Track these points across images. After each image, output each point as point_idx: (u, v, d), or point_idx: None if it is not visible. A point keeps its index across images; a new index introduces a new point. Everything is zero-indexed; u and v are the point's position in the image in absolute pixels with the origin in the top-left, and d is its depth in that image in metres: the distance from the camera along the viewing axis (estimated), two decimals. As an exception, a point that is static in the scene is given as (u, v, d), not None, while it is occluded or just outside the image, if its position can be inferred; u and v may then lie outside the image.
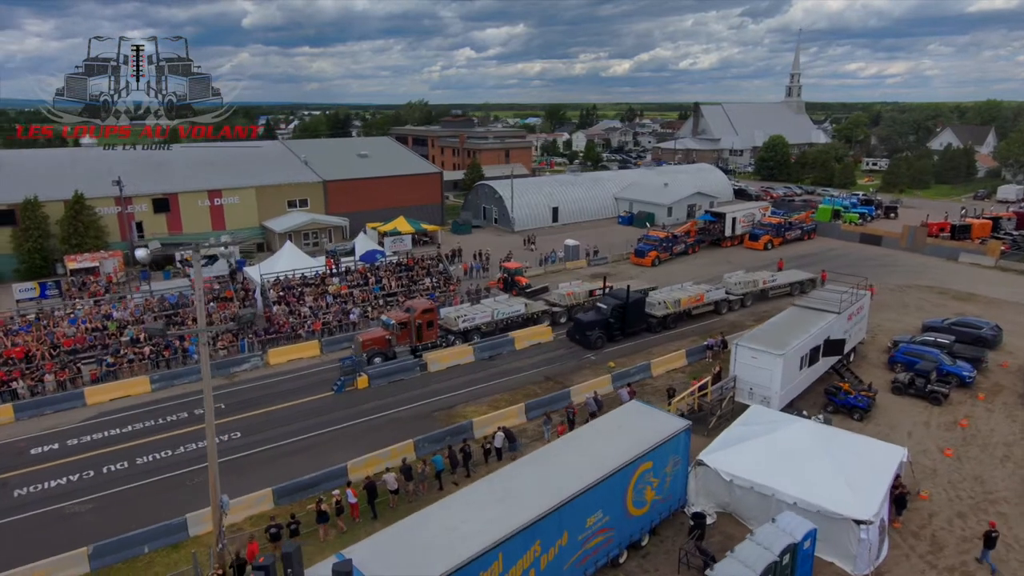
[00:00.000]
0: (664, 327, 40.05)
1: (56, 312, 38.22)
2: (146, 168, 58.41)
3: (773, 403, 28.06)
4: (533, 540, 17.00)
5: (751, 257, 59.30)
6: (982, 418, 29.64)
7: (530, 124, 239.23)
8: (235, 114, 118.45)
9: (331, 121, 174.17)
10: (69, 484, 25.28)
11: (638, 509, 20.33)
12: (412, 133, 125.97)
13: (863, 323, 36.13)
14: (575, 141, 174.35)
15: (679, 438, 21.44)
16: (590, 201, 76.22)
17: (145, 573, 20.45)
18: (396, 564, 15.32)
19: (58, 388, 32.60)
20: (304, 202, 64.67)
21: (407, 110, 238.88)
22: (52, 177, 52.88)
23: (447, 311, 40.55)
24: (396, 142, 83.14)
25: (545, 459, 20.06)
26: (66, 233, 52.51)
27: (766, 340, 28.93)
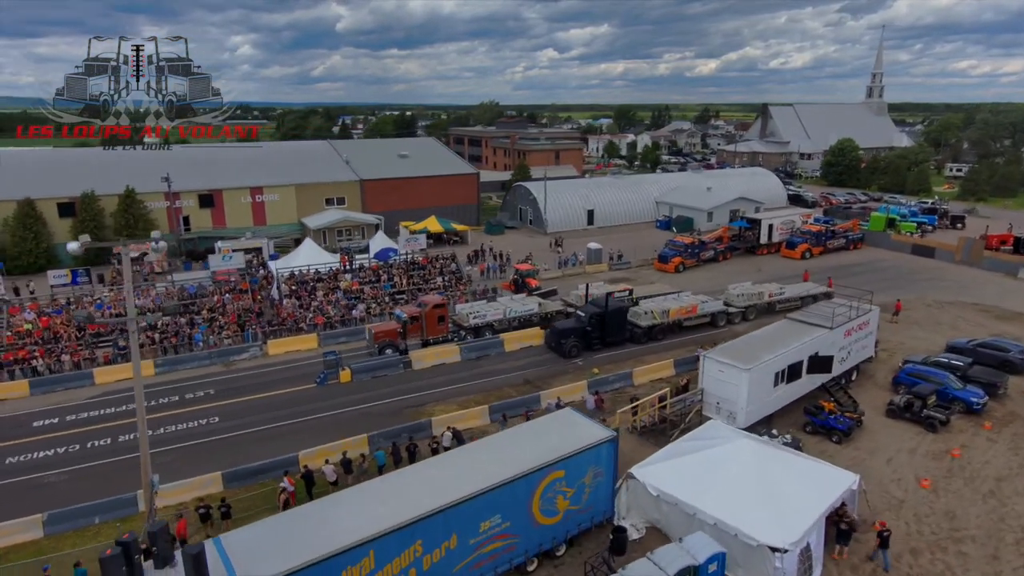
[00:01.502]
0: (650, 338, 38.84)
1: (85, 298, 41.50)
2: (194, 165, 62.23)
3: (739, 419, 26.91)
4: (412, 540, 17.16)
5: (785, 266, 56.64)
6: (980, 449, 27.26)
7: (599, 125, 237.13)
8: (315, 114, 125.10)
9: (398, 122, 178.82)
10: (56, 456, 27.50)
11: (548, 518, 20.07)
12: (468, 134, 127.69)
13: (868, 340, 33.93)
14: (640, 143, 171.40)
15: (600, 449, 20.98)
16: (629, 204, 74.90)
17: (91, 542, 21.98)
18: (263, 552, 15.88)
19: (73, 368, 35.40)
20: (342, 200, 67.01)
21: (479, 111, 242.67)
22: (108, 173, 57.24)
23: (461, 307, 41.29)
24: (439, 143, 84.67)
25: (451, 461, 20.19)
26: (119, 225, 56.77)
27: (735, 354, 27.75)
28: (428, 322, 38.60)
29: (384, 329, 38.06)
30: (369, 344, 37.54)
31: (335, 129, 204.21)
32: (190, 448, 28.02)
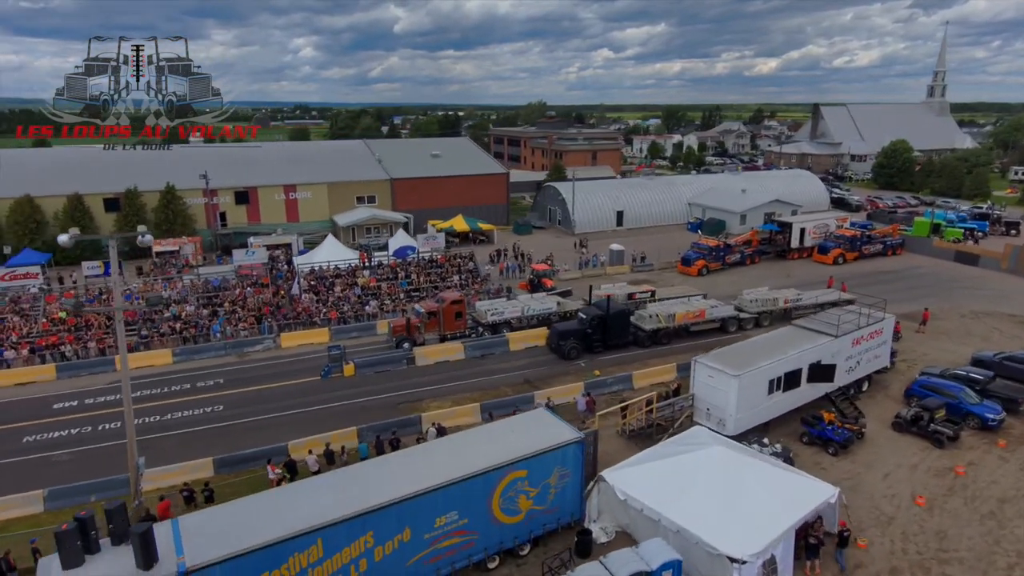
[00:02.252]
0: (655, 342, 38.18)
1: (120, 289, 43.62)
2: (231, 163, 64.65)
3: (728, 426, 26.32)
4: (363, 531, 17.52)
5: (816, 272, 54.79)
6: (988, 467, 25.86)
7: (647, 126, 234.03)
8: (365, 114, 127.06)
9: (442, 122, 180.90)
10: (68, 436, 29.13)
11: (510, 517, 20.13)
12: (508, 134, 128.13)
13: (883, 350, 32.57)
14: (687, 144, 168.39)
15: (566, 450, 20.91)
16: (660, 206, 73.80)
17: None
18: (215, 535, 16.51)
19: (99, 354, 37.36)
20: (372, 198, 68.37)
21: (527, 111, 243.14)
22: (150, 170, 60.04)
23: (481, 304, 41.81)
24: (472, 143, 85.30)
25: (415, 456, 20.47)
26: (159, 219, 59.50)
27: (727, 359, 27.12)
28: (445, 318, 39.28)
29: (402, 323, 39.15)
30: (389, 336, 38.70)
31: (384, 129, 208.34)
32: (191, 434, 29.23)
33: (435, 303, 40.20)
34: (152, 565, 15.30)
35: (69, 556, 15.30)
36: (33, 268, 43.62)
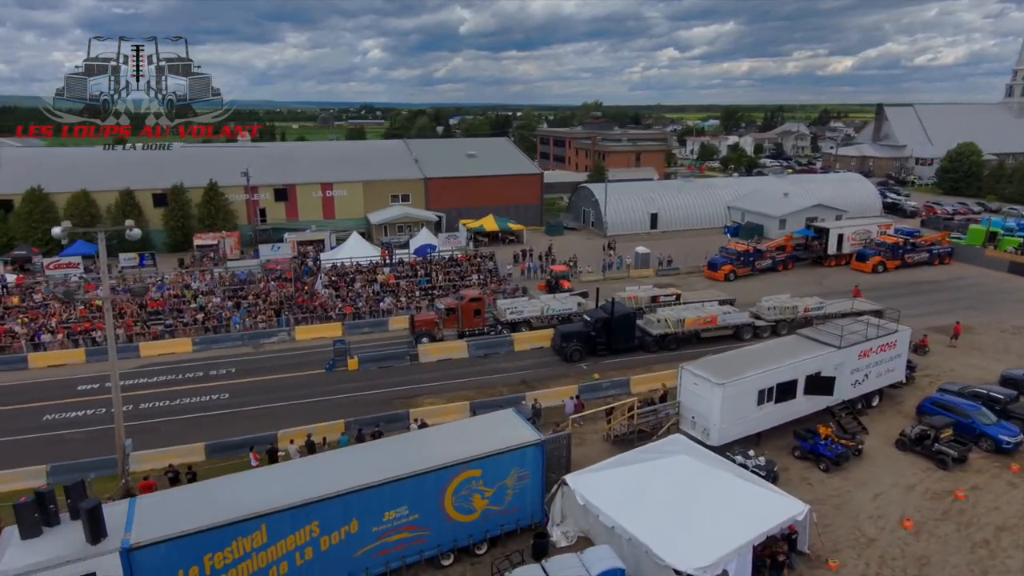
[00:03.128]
0: (663, 347, 37.39)
1: (149, 279, 46.12)
2: (271, 161, 67.10)
3: (712, 436, 25.62)
4: (308, 520, 18.01)
5: (853, 280, 52.37)
6: (994, 493, 24.25)
7: (706, 127, 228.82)
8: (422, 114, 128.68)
9: (493, 122, 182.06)
10: (84, 416, 31.00)
11: (464, 515, 20.25)
12: (554, 135, 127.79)
13: (896, 363, 30.95)
14: (744, 145, 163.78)
15: (525, 452, 20.85)
16: (696, 209, 72.15)
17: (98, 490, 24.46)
18: (166, 515, 17.33)
19: (128, 340, 39.54)
20: (406, 197, 69.60)
21: (582, 111, 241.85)
22: (195, 168, 63.02)
23: (502, 303, 42.23)
24: (510, 143, 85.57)
25: (373, 449, 20.89)
26: (202, 214, 62.38)
27: (714, 367, 26.38)
28: (465, 314, 39.82)
29: (422, 319, 39.99)
30: (409, 331, 39.65)
31: (439, 129, 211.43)
32: (194, 419, 30.60)
33: (455, 300, 40.82)
34: (100, 540, 16.19)
35: (27, 527, 16.37)
36: (75, 258, 46.52)
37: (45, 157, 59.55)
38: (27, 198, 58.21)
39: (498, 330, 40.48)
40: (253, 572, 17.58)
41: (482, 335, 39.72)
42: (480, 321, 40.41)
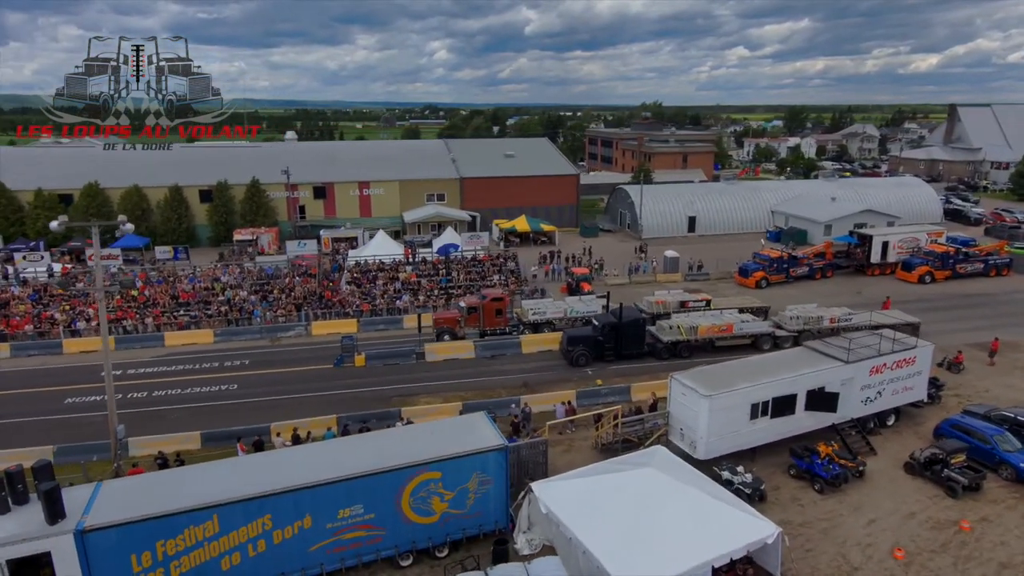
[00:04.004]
0: (674, 355, 36.25)
1: (182, 271, 48.16)
2: (312, 160, 68.94)
3: (699, 450, 24.66)
4: (260, 513, 18.30)
5: (897, 291, 49.56)
6: (1004, 526, 22.35)
7: (770, 128, 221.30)
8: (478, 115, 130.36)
9: (545, 122, 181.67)
10: (102, 401, 32.34)
11: (422, 517, 20.17)
12: (601, 135, 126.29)
13: (916, 380, 29.00)
14: (805, 147, 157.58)
15: (487, 457, 20.58)
16: (738, 212, 69.82)
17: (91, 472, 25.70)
18: (126, 500, 17.97)
19: (155, 330, 41.41)
20: (442, 196, 70.23)
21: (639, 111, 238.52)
22: (239, 165, 65.50)
23: (526, 303, 42.20)
24: (550, 143, 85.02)
25: (337, 447, 21.07)
26: (244, 210, 64.76)
27: (705, 378, 25.36)
28: (486, 314, 39.92)
29: (444, 316, 40.49)
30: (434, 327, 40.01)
31: (495, 129, 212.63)
32: (200, 408, 31.71)
33: (477, 299, 40.93)
34: (57, 520, 16.94)
35: (-6, 504, 17.30)
36: (114, 250, 49.05)
37: (101, 154, 63.05)
38: (85, 192, 61.90)
39: (520, 330, 40.32)
40: (206, 560, 18.01)
41: (503, 335, 39.58)
42: (502, 321, 40.37)
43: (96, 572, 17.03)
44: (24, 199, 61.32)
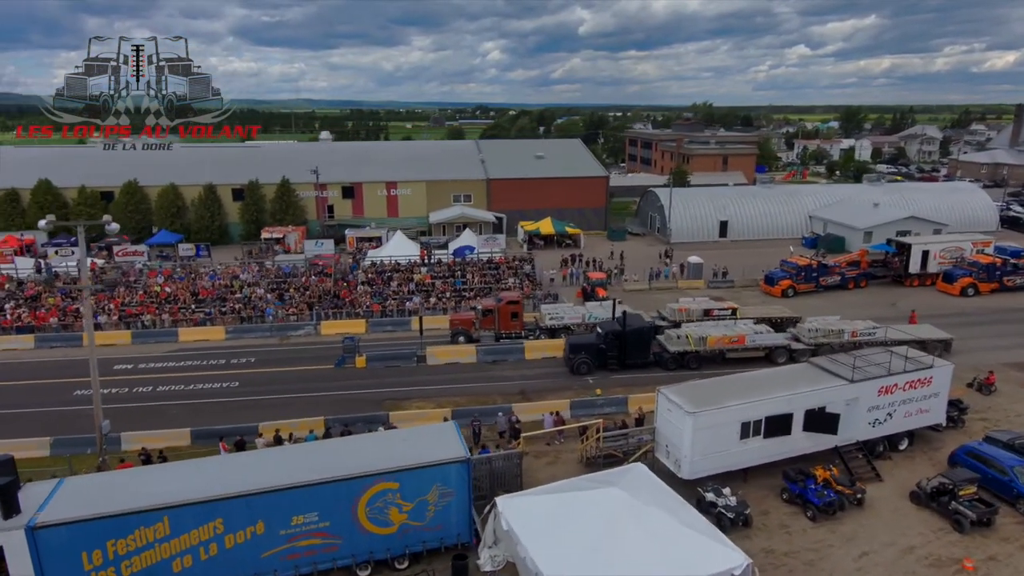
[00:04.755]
0: (682, 365, 34.86)
1: (203, 269, 49.29)
2: (343, 160, 69.78)
3: (683, 469, 23.52)
4: (212, 517, 18.23)
5: (935, 303, 46.77)
6: (1013, 567, 20.48)
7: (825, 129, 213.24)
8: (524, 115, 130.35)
9: (587, 123, 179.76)
10: (109, 394, 33.22)
11: (380, 527, 19.77)
12: (641, 136, 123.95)
13: (933, 403, 27.02)
14: (860, 149, 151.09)
15: (447, 469, 20.03)
16: (773, 217, 67.21)
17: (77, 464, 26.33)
18: (84, 498, 18.19)
19: (172, 325, 42.46)
20: (468, 197, 70.06)
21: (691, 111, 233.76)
22: (270, 165, 66.85)
23: (545, 307, 41.62)
24: (581, 145, 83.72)
25: (303, 451, 20.91)
26: (274, 209, 66.05)
27: (692, 394, 24.16)
28: (501, 317, 39.49)
29: (460, 318, 40.31)
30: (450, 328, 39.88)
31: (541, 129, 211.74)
32: (198, 405, 32.19)
33: (493, 301, 40.50)
34: (11, 515, 17.24)
35: (-42, 497, 17.73)
36: (140, 247, 50.58)
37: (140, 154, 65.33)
38: (124, 190, 64.25)
39: (537, 335, 39.59)
40: (157, 562, 18.04)
41: (519, 339, 38.91)
42: (517, 325, 39.75)
43: (47, 569, 17.26)
44: (69, 196, 64.00)
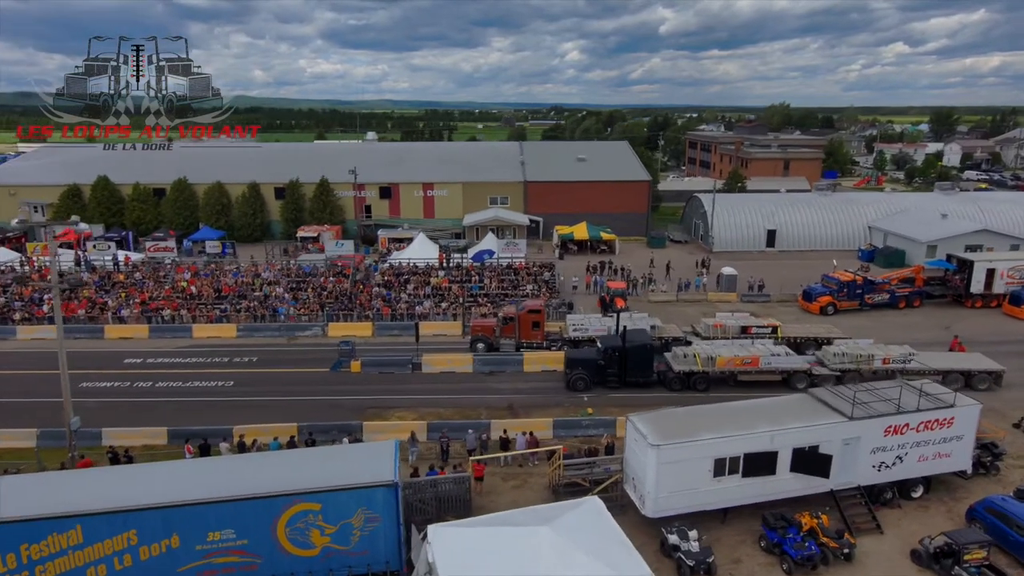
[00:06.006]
0: (687, 387, 32.39)
1: (227, 267, 50.31)
2: (384, 160, 70.16)
3: (647, 506, 21.50)
4: (125, 528, 17.83)
5: (998, 328, 41.99)
6: (1021, 653, 17.40)
7: (916, 131, 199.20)
8: (591, 115, 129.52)
9: (651, 124, 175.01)
10: (111, 387, 34.36)
11: (300, 549, 18.88)
12: (701, 139, 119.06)
13: (955, 447, 23.73)
14: (948, 154, 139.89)
15: (373, 493, 18.91)
16: (828, 227, 62.57)
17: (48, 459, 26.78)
18: (9, 499, 18.21)
19: (190, 321, 43.41)
20: (505, 200, 68.91)
21: (767, 113, 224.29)
22: (311, 164, 67.95)
23: (570, 318, 40.23)
24: (628, 148, 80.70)
25: (230, 464, 20.32)
26: (313, 208, 67.09)
27: (661, 423, 22.05)
28: (522, 326, 38.34)
29: (481, 324, 39.47)
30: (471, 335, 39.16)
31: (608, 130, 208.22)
32: (189, 403, 32.44)
33: (515, 309, 39.31)
34: (-63, 512, 17.40)
35: None
36: (170, 243, 52.20)
37: (190, 152, 68.04)
38: (175, 187, 66.84)
39: (559, 346, 37.89)
40: (71, 569, 17.81)
41: (540, 350, 37.45)
42: (538, 335, 38.29)
43: (-37, 568, 17.33)
44: (124, 192, 67.22)
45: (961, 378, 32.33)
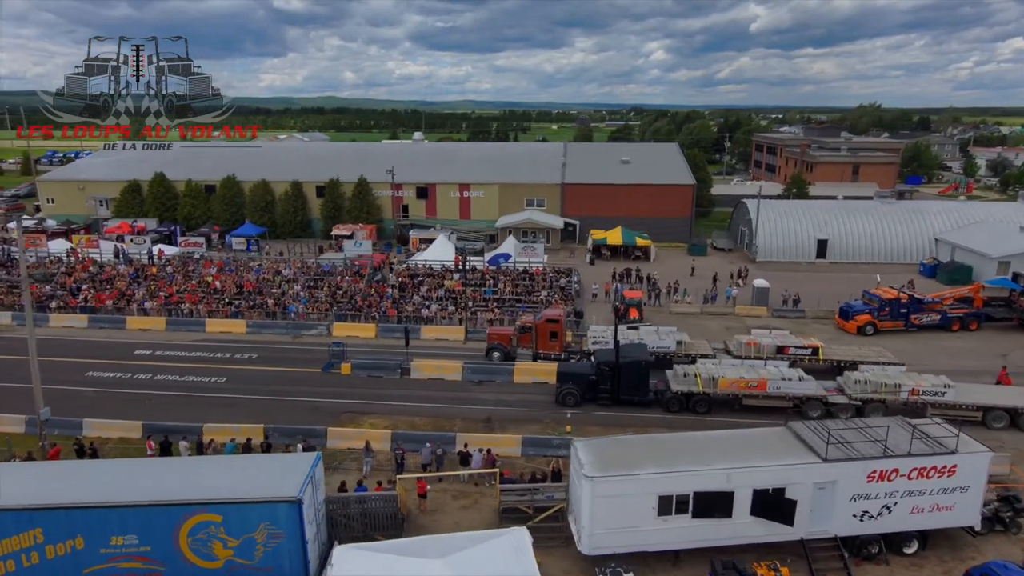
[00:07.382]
0: (685, 408, 30.01)
1: (251, 263, 51.34)
2: (425, 160, 70.23)
3: (583, 542, 19.73)
4: (31, 525, 17.86)
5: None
6: None
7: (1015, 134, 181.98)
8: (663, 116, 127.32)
9: (721, 125, 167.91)
10: (116, 378, 35.40)
11: (204, 561, 18.34)
12: (768, 141, 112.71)
13: (957, 498, 20.59)
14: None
15: (276, 509, 18.10)
16: (887, 238, 57.35)
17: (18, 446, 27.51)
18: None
19: (206, 315, 44.51)
20: (541, 202, 67.36)
21: (856, 114, 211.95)
22: (350, 163, 68.79)
23: (593, 328, 38.85)
24: (676, 150, 77.08)
25: (146, 468, 20.09)
26: (351, 207, 67.91)
27: (603, 452, 20.18)
28: (539, 336, 37.13)
29: (498, 332, 38.70)
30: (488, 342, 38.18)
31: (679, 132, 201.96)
32: (176, 397, 32.92)
33: (533, 318, 38.09)
34: None
35: None
36: (200, 238, 53.85)
37: (239, 149, 70.34)
38: (224, 184, 69.35)
39: (578, 358, 36.30)
40: (-20, 562, 18.05)
41: (560, 361, 35.75)
42: (556, 345, 36.75)
43: None
44: (179, 188, 70.36)
45: (1006, 416, 28.36)
